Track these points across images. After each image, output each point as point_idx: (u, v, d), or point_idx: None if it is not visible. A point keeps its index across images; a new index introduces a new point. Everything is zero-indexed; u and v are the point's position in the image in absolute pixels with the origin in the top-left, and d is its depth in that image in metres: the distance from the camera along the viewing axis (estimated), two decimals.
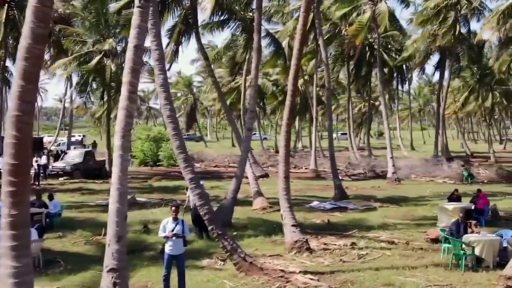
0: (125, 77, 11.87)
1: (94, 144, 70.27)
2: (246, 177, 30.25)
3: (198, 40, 31.87)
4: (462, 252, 16.79)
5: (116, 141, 11.85)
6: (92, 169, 44.52)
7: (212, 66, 68.54)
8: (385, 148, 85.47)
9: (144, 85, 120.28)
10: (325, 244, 19.73)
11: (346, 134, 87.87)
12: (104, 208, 28.54)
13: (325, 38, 46.28)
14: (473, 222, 21.84)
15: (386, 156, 45.06)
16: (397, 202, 31.38)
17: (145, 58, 45.13)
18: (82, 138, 79.63)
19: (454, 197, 26.31)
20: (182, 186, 37.90)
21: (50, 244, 20.17)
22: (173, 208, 14.27)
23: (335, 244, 19.66)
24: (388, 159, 43.54)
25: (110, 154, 47.34)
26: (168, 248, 13.97)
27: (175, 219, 14.13)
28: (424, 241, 20.48)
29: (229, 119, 35.88)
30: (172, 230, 13.92)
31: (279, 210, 26.15)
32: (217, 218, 16.60)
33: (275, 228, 22.18)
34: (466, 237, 17.39)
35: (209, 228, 16.14)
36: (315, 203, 30.58)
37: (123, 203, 11.68)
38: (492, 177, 44.98)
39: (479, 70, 62.81)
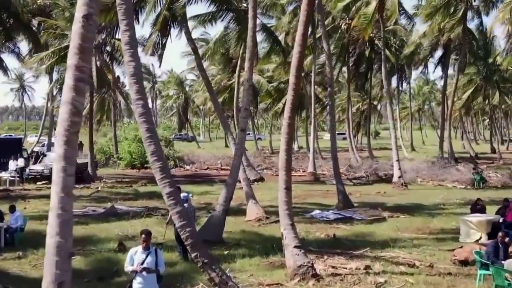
0: (71, 59, 8.57)
1: (80, 145, 66.58)
2: (240, 181, 27.04)
3: (187, 30, 28.55)
4: (507, 282, 13.56)
5: (58, 148, 8.54)
6: None
7: (205, 64, 65.77)
8: (384, 149, 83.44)
9: None
10: (333, 267, 16.44)
11: (343, 134, 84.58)
12: (79, 218, 25.36)
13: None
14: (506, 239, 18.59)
15: (392, 158, 41.89)
16: (408, 211, 28.12)
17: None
18: None
19: (479, 207, 22.87)
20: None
21: (6, 265, 16.96)
22: (143, 236, 11.00)
23: (346, 268, 16.35)
24: (394, 162, 40.30)
25: (93, 156, 44.16)
26: (137, 286, 10.72)
27: (146, 248, 10.88)
28: (451, 263, 17.22)
29: (221, 119, 32.50)
30: (142, 263, 10.69)
31: (276, 222, 22.98)
32: (202, 244, 13.26)
33: (273, 246, 18.93)
34: (509, 263, 14.15)
35: (193, 255, 12.85)
36: (316, 212, 27.40)
37: (67, 236, 8.36)
38: (505, 182, 41.80)
39: (486, 67, 59.61)
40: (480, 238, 20.48)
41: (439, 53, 55.05)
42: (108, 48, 46.15)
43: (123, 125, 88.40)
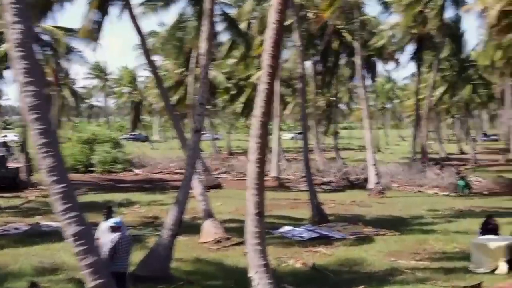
0: None
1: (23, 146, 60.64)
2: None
3: (129, 9, 23.49)
4: None
5: None
6: (2, 178, 35.92)
7: (159, 59, 60.71)
8: (346, 149, 79.54)
9: (86, 80, 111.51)
10: None
11: (302, 133, 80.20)
12: None
13: (288, 23, 39.16)
14: None
15: (361, 160, 37.74)
16: (393, 226, 23.65)
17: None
18: (5, 140, 69.39)
19: (490, 227, 18.27)
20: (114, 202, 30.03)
21: None
22: None
23: None
24: (370, 166, 36.00)
25: (27, 159, 39.05)
26: None
27: None
28: None
29: (172, 118, 27.32)
30: None
31: (239, 244, 18.39)
32: None
33: (237, 282, 14.32)
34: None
35: None
36: (287, 229, 22.81)
37: None
38: (491, 187, 37.88)
39: (459, 62, 56.15)
40: (497, 268, 16.18)
41: (412, 47, 51.09)
42: (47, 37, 40.71)
43: (75, 125, 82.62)
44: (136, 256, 15.19)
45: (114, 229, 12.20)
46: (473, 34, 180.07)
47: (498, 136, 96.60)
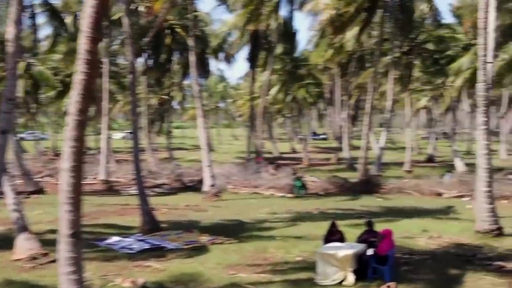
0: None
1: None
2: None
3: None
4: None
5: None
6: None
7: None
8: (179, 149, 77.72)
9: None
10: None
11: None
12: None
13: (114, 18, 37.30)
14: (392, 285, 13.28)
15: (202, 163, 36.12)
16: (231, 232, 22.03)
17: None
18: None
19: (336, 238, 16.96)
20: None
21: None
22: None
23: None
24: (205, 168, 34.46)
25: None
26: None
27: None
28: None
29: None
30: None
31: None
32: None
33: None
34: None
35: None
36: (114, 240, 20.45)
37: None
38: (326, 187, 37.69)
39: (292, 61, 56.41)
40: (344, 278, 15.03)
41: (247, 46, 50.23)
42: None
43: None
44: None
45: None
46: (304, 33, 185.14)
47: (326, 135, 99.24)
